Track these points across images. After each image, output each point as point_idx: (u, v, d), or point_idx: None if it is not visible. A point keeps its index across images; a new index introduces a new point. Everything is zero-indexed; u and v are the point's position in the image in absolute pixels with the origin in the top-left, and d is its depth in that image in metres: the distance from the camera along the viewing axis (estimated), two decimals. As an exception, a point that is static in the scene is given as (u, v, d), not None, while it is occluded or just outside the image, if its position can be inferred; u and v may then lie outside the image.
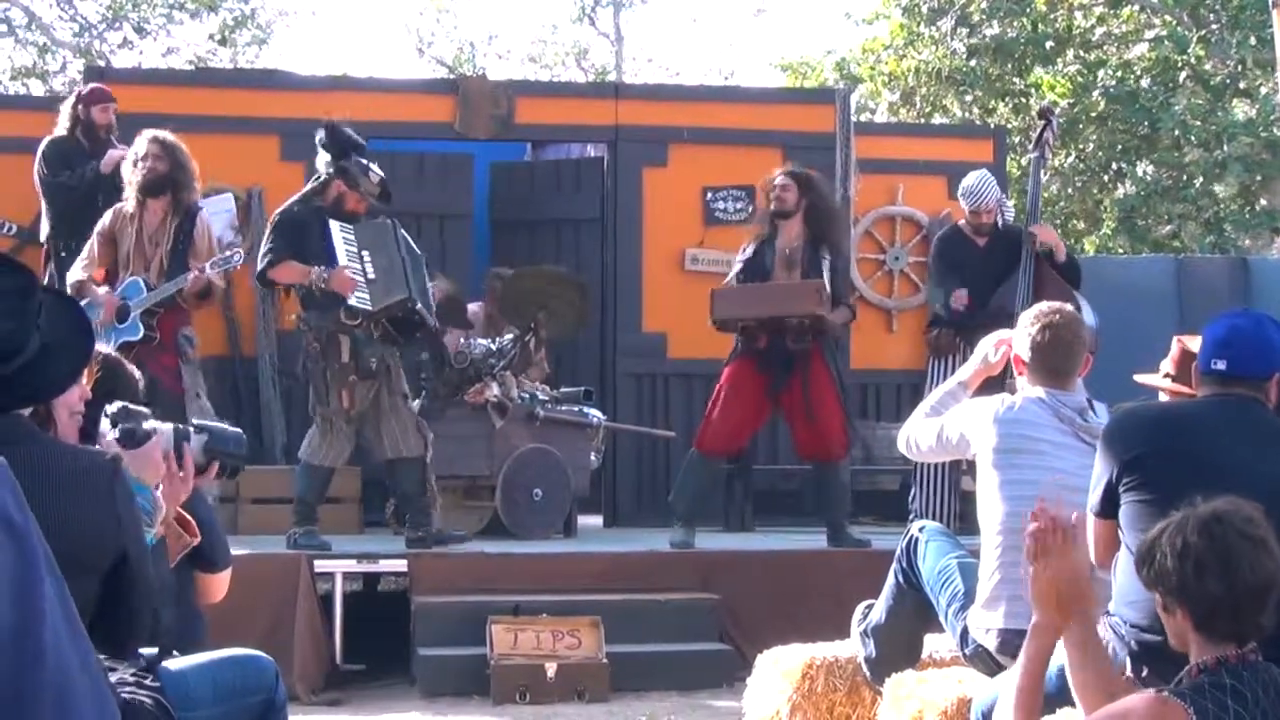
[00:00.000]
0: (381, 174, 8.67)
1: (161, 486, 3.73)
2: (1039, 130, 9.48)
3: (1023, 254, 9.02)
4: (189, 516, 3.87)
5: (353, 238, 8.41)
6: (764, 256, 8.79)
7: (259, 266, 8.51)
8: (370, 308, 8.30)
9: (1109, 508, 4.10)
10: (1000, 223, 9.45)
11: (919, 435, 5.20)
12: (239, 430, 4.17)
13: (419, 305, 8.45)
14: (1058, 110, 18.05)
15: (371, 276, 8.33)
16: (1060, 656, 4.17)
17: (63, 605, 1.69)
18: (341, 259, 8.31)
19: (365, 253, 8.38)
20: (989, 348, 5.26)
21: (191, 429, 3.95)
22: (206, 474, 3.92)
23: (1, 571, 1.62)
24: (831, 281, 8.66)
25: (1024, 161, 17.99)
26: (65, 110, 9.41)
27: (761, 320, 8.58)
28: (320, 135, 8.62)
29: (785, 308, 8.58)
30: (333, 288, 8.26)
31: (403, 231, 8.64)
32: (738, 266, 8.89)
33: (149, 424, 3.81)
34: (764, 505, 10.45)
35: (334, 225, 8.38)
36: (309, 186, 8.64)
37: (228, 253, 8.54)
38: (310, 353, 8.44)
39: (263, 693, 4.07)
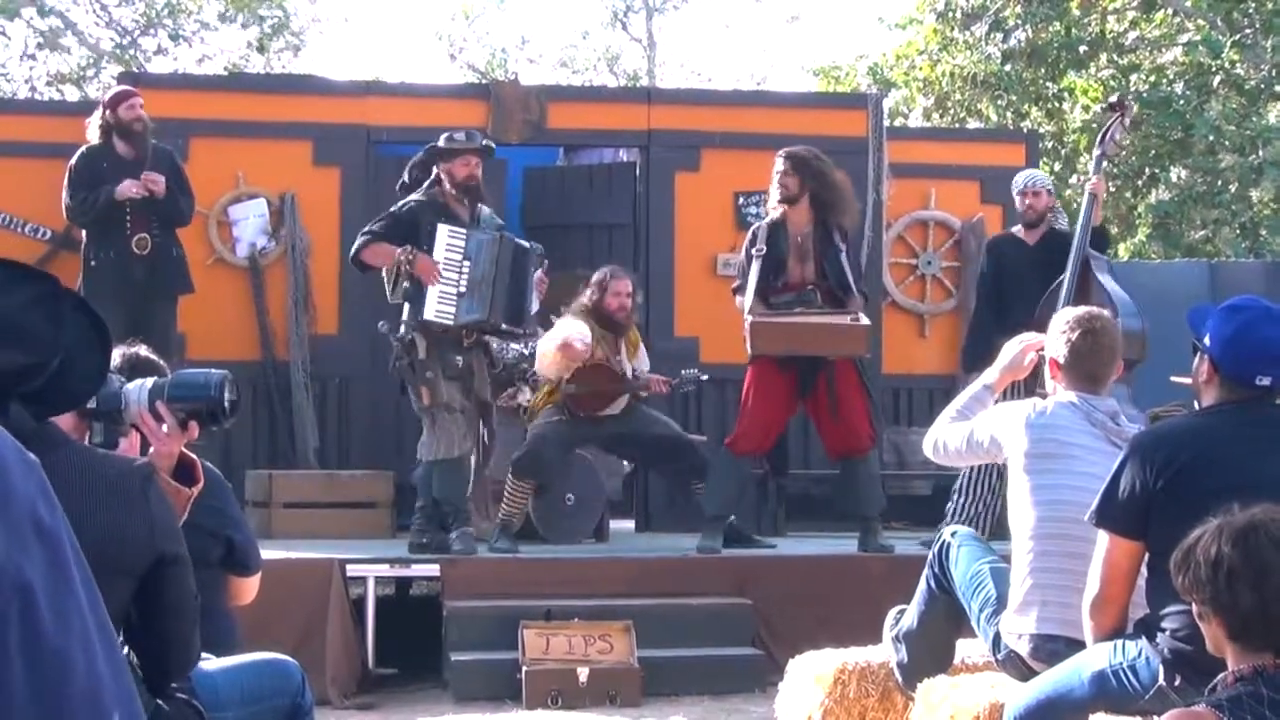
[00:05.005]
0: (463, 131, 8.52)
1: (153, 447, 3.58)
2: (1108, 124, 8.75)
3: (1070, 260, 8.48)
4: (193, 457, 3.65)
5: (459, 244, 8.26)
6: (779, 249, 8.62)
7: (354, 248, 8.40)
8: (450, 321, 8.22)
9: (1135, 525, 4.07)
10: (1053, 221, 9.22)
11: (946, 438, 5.17)
12: (205, 371, 3.69)
13: (503, 325, 8.38)
14: (1090, 115, 18.02)
15: (463, 290, 8.22)
16: (1090, 663, 4.16)
17: (94, 610, 1.69)
18: (439, 259, 8.21)
19: (467, 262, 8.25)
20: (1015, 350, 5.24)
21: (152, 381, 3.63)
22: (189, 431, 3.60)
23: (33, 576, 1.62)
24: (843, 270, 8.59)
25: (1056, 167, 17.96)
26: (94, 120, 9.35)
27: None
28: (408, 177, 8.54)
29: (829, 347, 8.48)
30: (416, 271, 8.16)
31: (512, 239, 8.49)
32: (756, 264, 8.59)
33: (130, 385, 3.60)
34: (796, 510, 10.43)
35: (442, 229, 8.24)
36: (424, 186, 8.46)
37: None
38: (395, 353, 8.38)
39: (289, 696, 4.08)
